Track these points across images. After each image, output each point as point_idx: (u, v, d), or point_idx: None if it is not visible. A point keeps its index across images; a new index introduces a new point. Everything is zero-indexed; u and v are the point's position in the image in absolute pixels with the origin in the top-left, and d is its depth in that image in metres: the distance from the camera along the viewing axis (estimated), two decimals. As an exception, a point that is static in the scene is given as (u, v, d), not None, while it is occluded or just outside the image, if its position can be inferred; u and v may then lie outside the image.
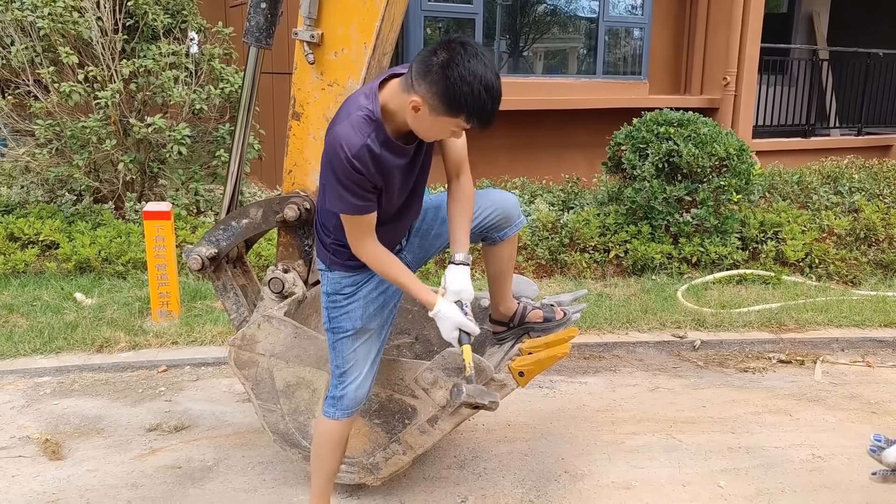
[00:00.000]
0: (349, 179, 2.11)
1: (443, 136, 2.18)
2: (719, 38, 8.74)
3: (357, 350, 2.45)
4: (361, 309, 2.43)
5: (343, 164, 2.09)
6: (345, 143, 2.08)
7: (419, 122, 2.09)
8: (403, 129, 2.17)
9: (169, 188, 6.34)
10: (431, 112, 2.03)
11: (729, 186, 5.70)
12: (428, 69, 1.99)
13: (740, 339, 4.56)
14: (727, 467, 3.15)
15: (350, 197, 2.14)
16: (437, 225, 2.56)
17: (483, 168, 7.86)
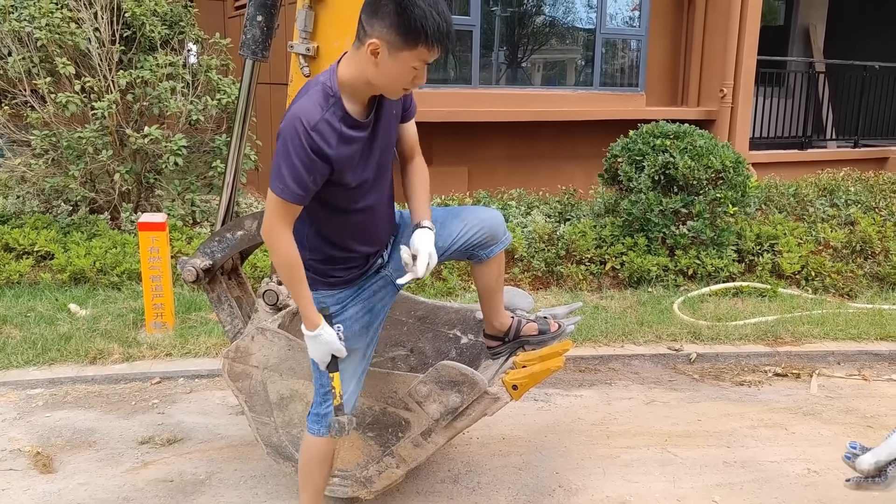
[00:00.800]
0: (299, 157, 2.02)
1: (405, 83, 2.05)
2: (716, 50, 8.77)
3: (344, 370, 2.38)
4: (348, 329, 2.38)
5: (299, 139, 2.01)
6: (303, 116, 2.02)
7: (380, 69, 2.00)
8: (362, 98, 2.11)
9: (165, 199, 6.33)
10: (390, 50, 1.97)
11: (725, 199, 5.70)
12: (376, 7, 1.96)
13: (736, 352, 4.55)
14: (722, 482, 3.14)
15: (290, 178, 2.03)
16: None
17: (480, 179, 7.87)
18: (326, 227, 2.29)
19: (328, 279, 2.35)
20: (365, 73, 2.03)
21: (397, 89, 2.09)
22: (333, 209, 2.23)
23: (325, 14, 2.76)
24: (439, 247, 2.40)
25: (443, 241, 2.44)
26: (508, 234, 2.61)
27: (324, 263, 2.33)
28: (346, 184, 2.16)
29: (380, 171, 2.27)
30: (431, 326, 3.36)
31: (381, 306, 2.45)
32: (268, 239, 2.15)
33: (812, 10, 11.24)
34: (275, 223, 2.11)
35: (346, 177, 2.14)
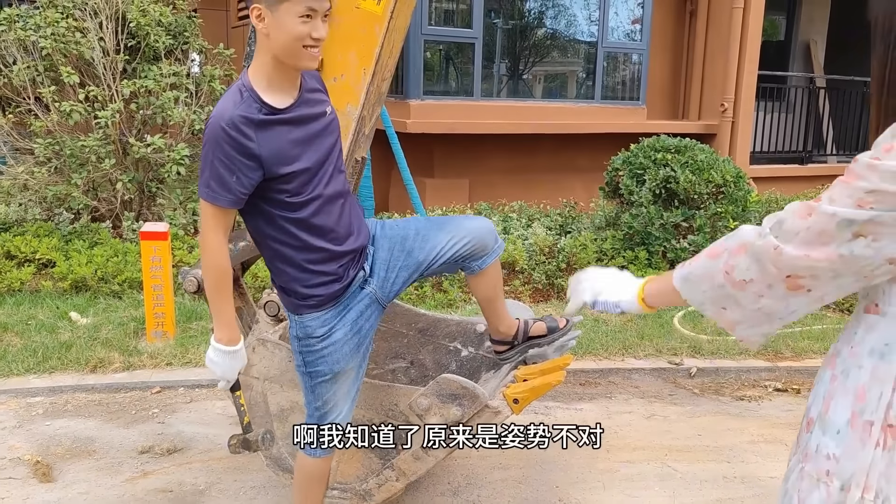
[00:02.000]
0: (219, 158, 1.96)
1: (302, 39, 1.96)
2: (717, 64, 8.82)
3: (336, 392, 2.33)
4: (338, 352, 2.28)
5: (216, 140, 1.95)
6: (219, 117, 1.97)
7: (272, 35, 1.95)
8: (281, 85, 2.05)
9: (167, 208, 6.35)
10: (271, 9, 1.92)
11: (726, 213, 5.72)
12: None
13: (736, 366, 4.55)
14: (722, 497, 3.14)
15: (213, 180, 1.98)
16: (403, 257, 2.38)
17: (481, 191, 7.89)
18: (294, 237, 2.16)
19: (309, 301, 2.23)
20: (269, 49, 1.98)
21: (298, 50, 1.97)
22: (289, 212, 2.12)
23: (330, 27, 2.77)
24: (422, 260, 2.36)
25: (426, 255, 2.37)
26: (501, 241, 2.53)
27: (304, 284, 2.21)
28: (284, 175, 2.05)
29: (324, 160, 2.15)
30: (432, 339, 3.36)
31: (369, 326, 2.36)
32: (201, 243, 2.13)
33: (813, 25, 11.30)
34: (205, 228, 2.07)
35: (280, 168, 2.04)
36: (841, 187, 1.21)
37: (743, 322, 1.37)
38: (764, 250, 1.26)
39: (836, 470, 1.29)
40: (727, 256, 1.33)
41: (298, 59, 1.99)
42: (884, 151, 1.17)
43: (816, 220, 1.21)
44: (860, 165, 1.18)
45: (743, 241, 1.31)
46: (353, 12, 2.69)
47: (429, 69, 7.61)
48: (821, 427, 1.33)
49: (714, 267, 1.35)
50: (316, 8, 1.95)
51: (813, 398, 1.40)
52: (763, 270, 1.27)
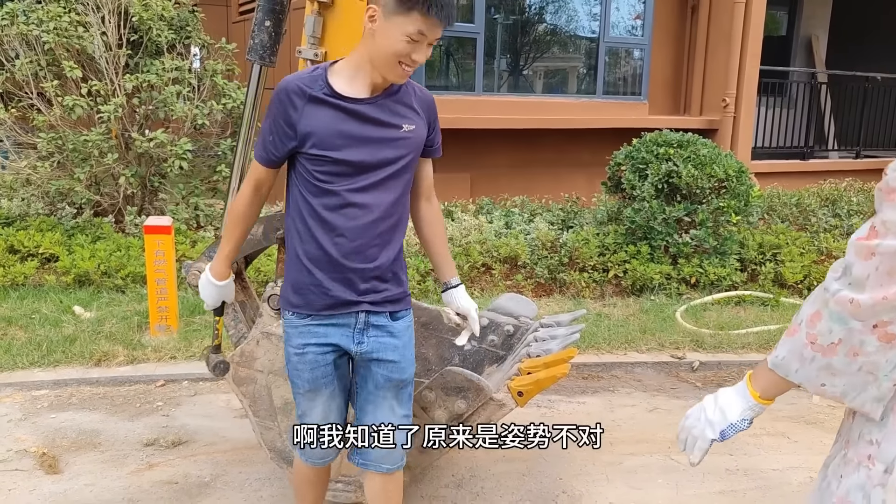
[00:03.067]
0: (270, 116, 2.07)
1: (402, 54, 1.94)
2: (719, 59, 8.81)
3: (314, 410, 2.23)
4: (309, 372, 2.19)
5: (272, 99, 2.06)
6: (284, 82, 2.07)
7: (376, 37, 1.95)
8: (364, 82, 2.04)
9: (169, 202, 6.36)
10: (386, 15, 1.92)
11: (728, 208, 5.73)
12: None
13: (739, 360, 4.56)
14: (725, 489, 3.15)
15: (259, 134, 2.14)
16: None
17: (483, 186, 7.90)
18: (303, 218, 2.10)
19: (291, 298, 2.17)
20: (367, 49, 2.00)
21: (394, 64, 1.96)
22: (309, 193, 2.08)
23: (334, 20, 2.78)
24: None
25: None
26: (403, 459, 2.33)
27: (292, 274, 2.16)
28: (317, 156, 2.03)
29: (371, 167, 2.06)
30: (434, 333, 3.37)
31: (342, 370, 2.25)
32: (237, 196, 2.26)
33: (814, 20, 11.28)
34: (246, 182, 2.23)
35: (314, 148, 2.02)
36: (890, 209, 1.16)
37: (849, 391, 1.29)
38: (840, 307, 1.21)
39: (878, 454, 1.30)
40: (806, 327, 1.27)
41: (389, 71, 1.99)
42: None
43: (882, 259, 1.16)
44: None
45: (815, 306, 1.25)
46: (357, 5, 2.69)
47: (430, 64, 7.61)
48: (863, 415, 1.33)
49: (798, 342, 1.30)
50: (426, 34, 1.94)
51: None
52: (848, 328, 1.21)
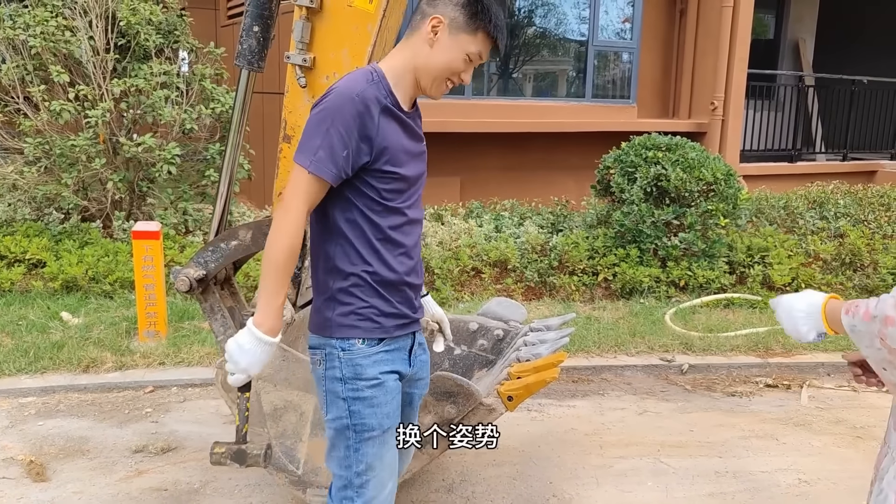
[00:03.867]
0: (340, 127, 1.77)
1: (454, 72, 1.91)
2: (707, 62, 8.86)
3: (384, 456, 1.92)
4: (389, 403, 1.90)
5: (342, 108, 1.78)
6: (348, 88, 1.81)
7: (435, 49, 1.87)
8: (405, 92, 1.92)
9: (157, 207, 6.33)
10: (451, 29, 1.85)
11: (716, 211, 5.75)
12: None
13: (727, 362, 4.58)
14: (714, 491, 3.16)
15: (322, 148, 1.76)
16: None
17: (473, 190, 7.90)
18: (368, 241, 1.88)
19: (361, 324, 1.89)
20: (416, 57, 1.89)
21: (441, 79, 1.91)
22: (373, 214, 1.88)
23: (322, 25, 2.78)
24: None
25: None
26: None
27: (358, 299, 1.88)
28: (386, 173, 1.86)
29: (417, 181, 1.98)
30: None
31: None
32: (281, 213, 1.80)
33: (801, 24, 11.37)
34: (293, 197, 1.79)
35: (385, 164, 1.85)
36: None
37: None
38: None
39: None
40: (880, 324, 1.36)
41: (435, 85, 1.92)
42: None
43: None
44: None
45: (889, 313, 1.34)
46: (345, 10, 2.69)
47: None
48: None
49: (872, 330, 1.39)
50: (483, 57, 1.92)
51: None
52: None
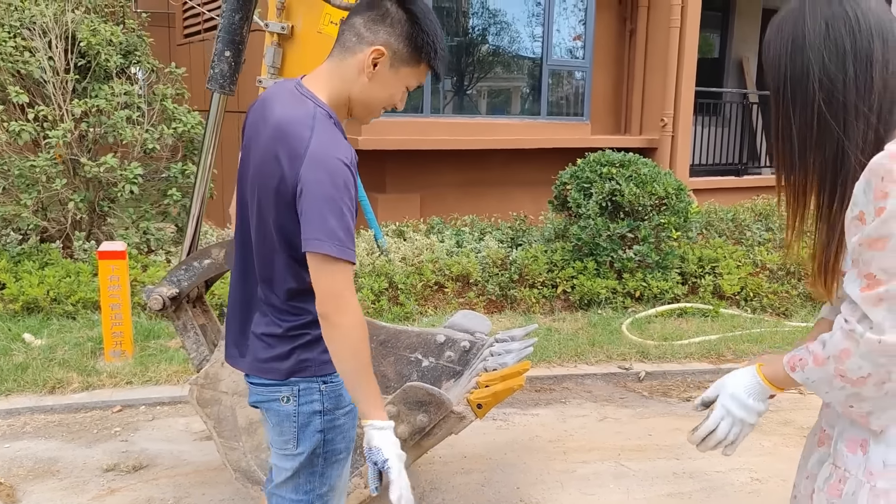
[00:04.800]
0: (349, 201, 1.64)
1: (389, 103, 1.83)
2: (656, 80, 9.17)
3: (343, 475, 1.95)
4: (352, 426, 1.93)
5: (347, 180, 1.64)
6: (337, 150, 1.65)
7: (374, 81, 1.75)
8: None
9: (118, 227, 6.31)
10: (394, 61, 1.74)
11: (668, 224, 5.98)
12: (384, 14, 1.73)
13: (682, 369, 4.78)
14: (673, 492, 3.32)
15: (342, 230, 1.61)
16: None
17: (432, 206, 8.04)
18: None
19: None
20: (351, 87, 1.76)
21: (377, 109, 1.83)
22: None
23: (293, 51, 2.90)
24: None
25: None
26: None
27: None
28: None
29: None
30: (393, 350, 3.48)
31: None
32: (340, 313, 1.64)
33: (745, 43, 11.82)
34: (345, 292, 1.64)
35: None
36: (882, 257, 1.29)
37: (874, 411, 1.40)
38: (869, 347, 1.32)
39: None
40: (834, 363, 1.38)
41: (369, 112, 1.84)
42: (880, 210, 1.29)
43: (891, 302, 1.29)
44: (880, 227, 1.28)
45: (842, 346, 1.36)
46: (316, 37, 2.82)
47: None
48: (881, 444, 1.41)
49: (827, 373, 1.40)
50: (422, 83, 1.87)
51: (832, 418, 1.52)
52: (875, 364, 1.33)
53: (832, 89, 1.39)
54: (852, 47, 1.38)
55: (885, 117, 1.37)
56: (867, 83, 1.38)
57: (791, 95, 1.44)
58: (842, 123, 1.38)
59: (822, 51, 1.39)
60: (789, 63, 1.44)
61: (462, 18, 8.41)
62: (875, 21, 1.39)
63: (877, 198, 1.28)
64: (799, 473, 1.70)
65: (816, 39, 1.40)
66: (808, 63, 1.41)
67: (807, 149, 1.43)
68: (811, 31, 1.41)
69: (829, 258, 1.45)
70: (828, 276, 1.46)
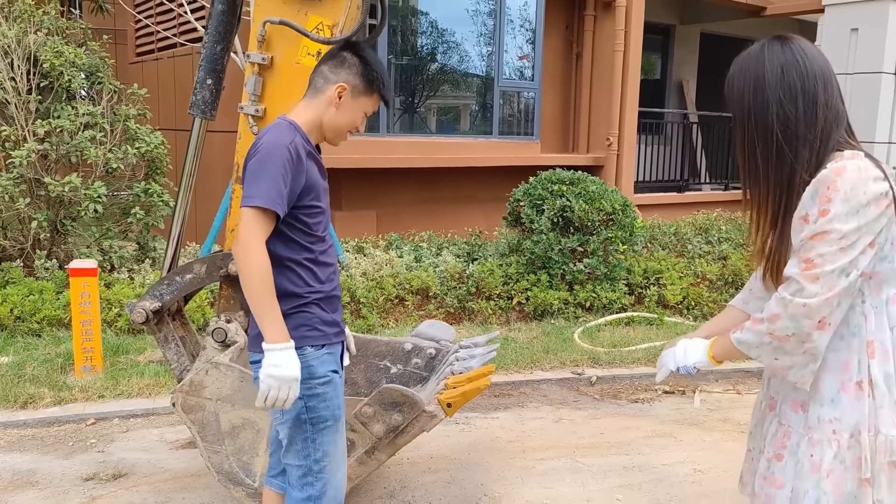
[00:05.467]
0: (281, 170, 2.10)
1: (352, 126, 2.33)
2: (602, 101, 9.60)
3: (337, 442, 2.31)
4: (337, 396, 2.32)
5: (280, 154, 2.11)
6: (280, 138, 2.15)
7: (339, 110, 2.27)
8: (313, 141, 2.31)
9: (80, 245, 6.37)
10: (353, 94, 2.27)
11: (616, 238, 6.34)
12: (342, 61, 2.27)
13: (630, 373, 5.10)
14: (623, 483, 3.61)
15: (266, 186, 2.08)
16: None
17: (388, 222, 8.26)
18: (307, 267, 2.27)
19: (312, 334, 2.27)
20: (321, 115, 2.28)
21: (343, 133, 2.34)
22: (308, 242, 2.27)
23: (273, 80, 3.11)
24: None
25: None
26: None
27: (308, 315, 2.26)
28: (311, 207, 2.24)
29: (327, 211, 2.38)
30: (363, 358, 3.70)
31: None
32: (242, 253, 2.09)
33: (685, 66, 12.42)
34: (251, 235, 2.09)
35: (311, 199, 2.23)
36: (821, 244, 1.65)
37: (793, 366, 1.75)
38: (796, 310, 1.67)
39: (841, 427, 1.75)
40: (767, 324, 1.72)
41: (337, 136, 2.35)
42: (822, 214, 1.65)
43: (825, 278, 1.64)
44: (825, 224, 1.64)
45: (774, 311, 1.70)
46: (294, 67, 3.04)
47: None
48: (816, 402, 1.78)
49: (760, 332, 1.75)
50: (375, 110, 2.38)
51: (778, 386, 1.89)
52: (799, 324, 1.68)
53: (787, 121, 1.74)
54: (802, 88, 1.74)
55: (824, 145, 1.73)
56: (813, 118, 1.74)
57: (755, 125, 1.78)
58: (794, 149, 1.74)
59: (779, 90, 1.74)
60: (752, 98, 1.78)
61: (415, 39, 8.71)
62: (818, 68, 1.75)
63: (821, 202, 1.65)
64: (751, 436, 2.06)
65: (774, 81, 1.75)
66: (768, 99, 1.75)
67: (768, 169, 1.78)
68: (770, 73, 1.76)
69: (780, 258, 1.79)
70: (779, 272, 1.80)
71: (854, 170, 1.66)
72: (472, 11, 8.73)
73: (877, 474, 1.73)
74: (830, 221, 1.64)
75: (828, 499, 1.74)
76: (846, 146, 1.74)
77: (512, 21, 8.93)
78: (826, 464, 1.75)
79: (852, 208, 1.63)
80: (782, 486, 1.83)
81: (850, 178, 1.64)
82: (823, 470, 1.75)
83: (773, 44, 1.78)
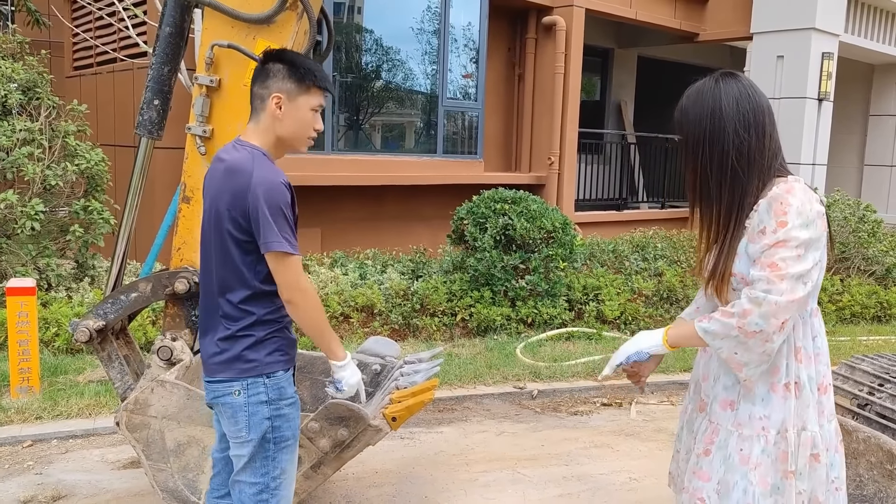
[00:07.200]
0: (287, 212, 2.19)
1: (309, 127, 2.31)
2: (543, 121, 9.84)
3: (293, 460, 2.39)
4: (297, 415, 2.38)
5: (283, 195, 2.18)
6: (272, 177, 2.18)
7: (285, 119, 2.27)
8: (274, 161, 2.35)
9: (15, 263, 6.23)
10: (290, 98, 2.25)
11: (556, 255, 6.52)
12: (267, 73, 2.27)
13: (570, 387, 5.26)
14: (563, 493, 3.73)
15: (289, 233, 2.18)
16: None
17: (333, 239, 8.30)
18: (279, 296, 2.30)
19: (282, 359, 2.32)
20: (273, 132, 2.29)
21: (304, 136, 2.33)
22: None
23: (220, 102, 3.16)
24: None
25: None
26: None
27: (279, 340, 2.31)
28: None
29: None
30: (308, 375, 3.75)
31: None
32: (302, 296, 2.20)
33: (623, 89, 12.81)
34: (300, 276, 2.20)
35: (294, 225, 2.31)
36: (784, 250, 1.83)
37: (749, 364, 1.91)
38: (768, 308, 1.83)
39: (769, 424, 1.94)
40: (738, 319, 1.87)
41: (302, 143, 2.36)
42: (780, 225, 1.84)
43: (790, 280, 1.82)
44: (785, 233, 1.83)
45: (746, 307, 1.85)
46: (241, 89, 3.10)
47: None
48: (748, 401, 1.96)
49: (728, 324, 1.89)
50: (323, 105, 2.36)
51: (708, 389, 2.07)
52: (768, 322, 1.84)
53: (741, 147, 1.95)
54: (754, 119, 1.96)
55: (769, 170, 1.96)
56: (761, 146, 1.96)
57: (710, 150, 1.97)
58: (746, 173, 1.95)
59: (734, 120, 1.95)
60: (709, 126, 1.98)
61: (360, 56, 8.80)
62: (765, 102, 1.99)
63: (777, 215, 1.85)
64: (678, 439, 2.27)
65: (730, 111, 1.96)
66: (724, 127, 1.96)
67: (721, 191, 1.97)
68: (725, 104, 1.96)
69: (726, 268, 1.97)
70: (723, 282, 1.98)
71: (801, 190, 1.89)
72: (417, 30, 8.87)
73: (801, 467, 1.92)
74: (789, 231, 1.84)
75: (754, 489, 1.93)
76: (785, 172, 1.97)
77: (456, 41, 9.11)
78: (754, 457, 1.94)
79: (804, 221, 1.85)
80: (709, 479, 2.01)
81: (799, 196, 1.87)
82: (752, 463, 1.94)
83: (727, 78, 1.99)
